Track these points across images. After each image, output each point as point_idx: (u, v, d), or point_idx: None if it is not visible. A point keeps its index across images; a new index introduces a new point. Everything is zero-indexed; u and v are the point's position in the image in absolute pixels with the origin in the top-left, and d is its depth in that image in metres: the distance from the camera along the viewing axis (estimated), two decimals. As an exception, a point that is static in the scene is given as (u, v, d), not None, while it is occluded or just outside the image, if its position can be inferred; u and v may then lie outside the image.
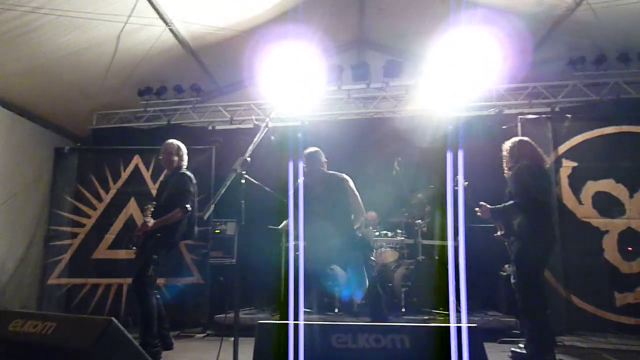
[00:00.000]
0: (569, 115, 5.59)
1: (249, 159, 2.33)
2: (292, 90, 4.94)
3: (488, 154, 5.32)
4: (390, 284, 5.35)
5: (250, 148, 2.40)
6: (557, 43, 5.83)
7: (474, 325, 1.71)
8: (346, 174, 4.25)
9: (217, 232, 5.97)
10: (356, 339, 1.68)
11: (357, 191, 4.22)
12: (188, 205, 4.05)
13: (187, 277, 5.77)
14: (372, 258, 4.28)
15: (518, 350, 3.86)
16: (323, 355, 1.67)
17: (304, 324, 1.70)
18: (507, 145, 4.16)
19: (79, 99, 6.49)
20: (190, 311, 5.65)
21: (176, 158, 4.32)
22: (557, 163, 5.41)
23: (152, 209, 4.02)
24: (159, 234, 3.98)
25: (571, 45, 5.89)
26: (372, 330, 1.72)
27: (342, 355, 1.67)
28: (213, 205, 2.17)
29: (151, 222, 3.94)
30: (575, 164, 5.37)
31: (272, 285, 5.62)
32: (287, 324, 1.71)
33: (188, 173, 4.29)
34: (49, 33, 5.02)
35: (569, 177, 5.35)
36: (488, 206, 4.00)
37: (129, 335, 2.03)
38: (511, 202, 3.87)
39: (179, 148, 4.37)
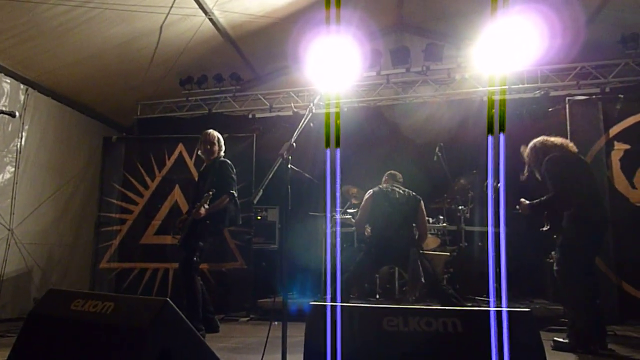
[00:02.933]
0: (621, 96, 5.32)
1: (294, 144, 2.34)
2: (331, 76, 4.93)
3: (533, 138, 5.15)
4: (432, 271, 5.30)
5: (296, 133, 2.41)
6: (607, 20, 5.56)
7: (528, 310, 1.68)
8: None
9: (259, 219, 6.07)
10: (407, 322, 1.68)
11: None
12: (234, 191, 4.16)
13: (231, 262, 5.90)
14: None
15: (561, 340, 3.77)
16: (374, 338, 1.68)
17: (355, 306, 1.71)
18: (525, 149, 4.10)
19: (124, 89, 6.70)
20: (234, 295, 5.79)
21: (216, 148, 4.41)
22: (609, 146, 5.18)
23: (211, 196, 4.05)
24: (207, 221, 4.06)
25: (622, 22, 5.60)
26: (423, 313, 1.71)
27: (393, 337, 1.68)
28: (262, 190, 2.21)
29: (203, 210, 4.00)
30: (628, 147, 5.12)
31: (314, 271, 5.69)
32: (339, 305, 1.72)
33: (228, 161, 4.40)
34: (97, 26, 5.18)
35: (621, 160, 5.11)
36: (527, 202, 3.93)
37: (183, 316, 2.09)
38: (547, 195, 3.80)
39: (218, 138, 4.46)
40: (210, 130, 4.48)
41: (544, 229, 4.11)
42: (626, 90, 5.50)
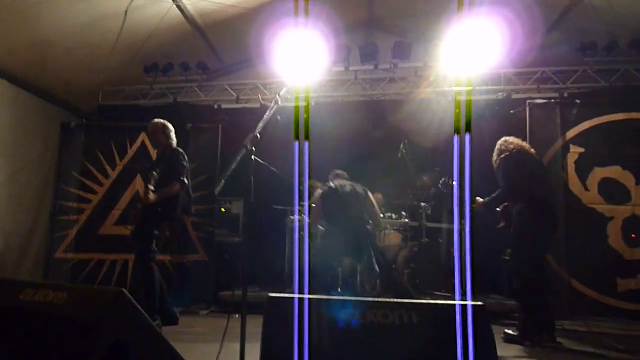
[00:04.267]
0: (578, 101, 5.55)
1: (259, 135, 2.32)
2: (300, 69, 4.91)
3: (495, 138, 5.30)
4: (393, 266, 5.39)
5: (261, 125, 2.39)
6: (568, 28, 5.76)
7: (482, 304, 1.73)
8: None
9: (223, 211, 6.00)
10: (364, 315, 1.70)
11: (363, 173, 4.50)
12: (184, 179, 4.14)
13: (193, 254, 5.82)
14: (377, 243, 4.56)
15: (511, 332, 3.95)
16: (331, 330, 1.69)
17: (313, 299, 1.72)
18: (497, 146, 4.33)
19: (85, 74, 6.47)
20: (195, 288, 5.71)
21: (163, 136, 4.32)
22: (565, 149, 5.39)
23: (157, 176, 4.03)
24: (159, 209, 4.01)
25: (582, 31, 5.82)
26: (380, 306, 1.74)
27: (350, 329, 1.70)
28: (224, 181, 2.18)
29: (152, 195, 3.96)
30: (583, 150, 5.35)
31: (277, 264, 5.69)
32: (297, 298, 1.73)
33: (180, 150, 4.34)
34: (56, 6, 4.97)
35: (576, 163, 5.33)
36: (481, 200, 4.16)
37: (139, 307, 2.05)
38: (498, 191, 4.05)
39: (164, 126, 4.36)
40: (156, 120, 4.41)
41: (500, 226, 4.31)
42: (583, 96, 5.72)
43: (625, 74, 5.75)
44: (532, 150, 4.35)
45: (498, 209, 4.32)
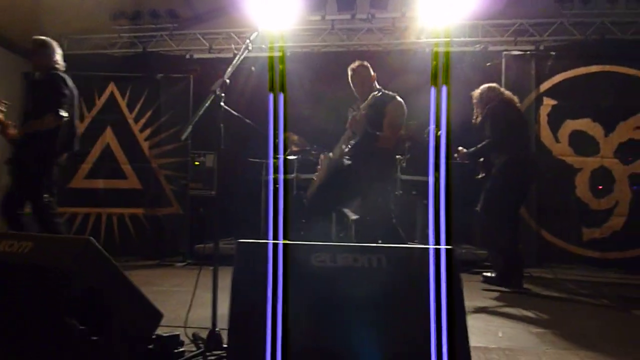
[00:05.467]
0: (553, 53, 5.55)
1: (228, 81, 2.25)
2: (274, 17, 4.76)
3: (472, 90, 5.30)
4: (368, 218, 5.44)
5: (229, 70, 2.31)
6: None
7: (449, 247, 1.76)
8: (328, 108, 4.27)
9: (197, 164, 5.92)
10: (335, 258, 1.72)
11: (339, 124, 4.30)
12: (62, 112, 3.44)
13: (167, 207, 5.77)
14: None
15: (489, 274, 4.10)
16: (302, 273, 1.70)
17: (284, 244, 1.72)
18: (475, 93, 4.27)
19: (48, 22, 6.12)
20: (170, 241, 5.71)
21: (43, 56, 3.63)
22: (538, 101, 5.44)
23: (6, 105, 3.55)
24: (32, 148, 3.44)
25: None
26: (350, 250, 1.75)
27: (320, 273, 1.71)
28: (191, 126, 2.12)
29: (12, 130, 3.44)
30: (555, 103, 5.40)
31: (254, 217, 5.69)
32: (267, 243, 1.73)
33: (62, 74, 3.63)
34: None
35: (549, 115, 5.40)
36: (464, 150, 4.14)
37: (108, 255, 2.03)
38: (484, 142, 4.02)
39: (43, 42, 3.65)
40: (36, 36, 3.72)
41: (480, 176, 4.34)
42: (558, 48, 5.72)
43: (600, 27, 5.73)
44: (519, 103, 4.35)
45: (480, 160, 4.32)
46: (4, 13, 5.53)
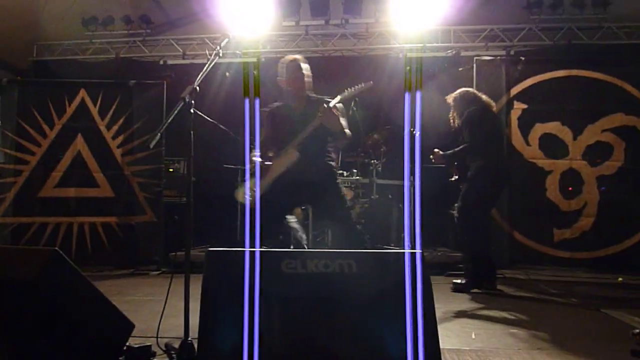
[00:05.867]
0: (522, 58, 5.68)
1: (197, 87, 2.22)
2: (248, 23, 4.74)
3: (444, 95, 5.37)
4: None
5: (200, 76, 2.29)
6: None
7: (419, 251, 1.78)
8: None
9: (171, 171, 5.86)
10: (305, 265, 1.72)
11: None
12: None
13: (140, 215, 5.67)
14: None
15: (459, 282, 4.14)
16: (272, 281, 1.70)
17: (253, 250, 1.71)
18: (452, 97, 4.30)
19: (17, 27, 6.00)
20: (144, 249, 5.62)
21: None
22: (509, 105, 5.55)
23: None
24: None
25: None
26: (320, 256, 1.76)
27: (291, 279, 1.71)
28: (159, 134, 2.09)
29: None
30: (526, 106, 5.52)
31: (229, 223, 5.64)
32: (237, 251, 1.72)
33: None
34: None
35: (519, 119, 5.51)
36: (441, 152, 4.16)
37: (75, 266, 1.98)
38: (462, 146, 4.05)
39: None
40: None
41: (453, 179, 4.39)
42: (528, 53, 5.86)
43: (568, 32, 5.89)
44: (495, 107, 4.40)
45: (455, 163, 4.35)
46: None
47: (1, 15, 5.60)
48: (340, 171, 5.73)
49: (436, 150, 4.22)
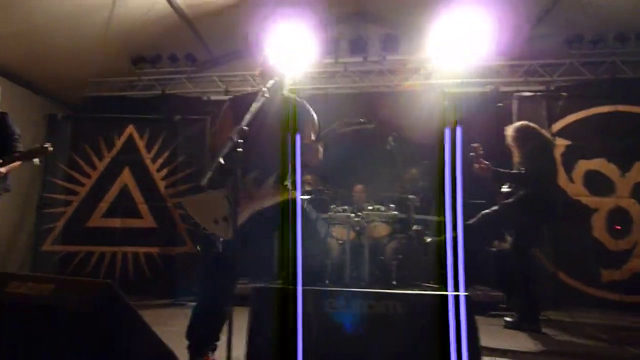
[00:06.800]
0: (564, 94, 5.60)
1: (246, 127, 2.31)
2: (288, 61, 4.90)
3: (483, 131, 5.36)
4: (381, 257, 5.42)
5: (248, 117, 2.38)
6: (555, 20, 5.80)
7: (466, 294, 1.76)
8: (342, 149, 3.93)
9: (210, 203, 5.99)
10: (350, 304, 1.73)
11: (351, 165, 4.22)
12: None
13: (181, 246, 5.81)
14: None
15: (509, 319, 4.02)
16: (316, 319, 1.71)
17: (298, 289, 1.74)
18: (511, 131, 4.23)
19: (72, 65, 6.39)
20: (183, 280, 5.71)
21: None
22: (551, 141, 5.45)
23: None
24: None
25: (569, 23, 5.86)
26: (365, 296, 1.76)
27: (335, 319, 1.72)
28: (210, 172, 2.17)
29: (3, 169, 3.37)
30: (569, 143, 5.41)
31: (269, 257, 5.67)
32: (283, 288, 1.75)
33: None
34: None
35: (562, 155, 5.40)
36: (491, 166, 4.02)
37: (127, 299, 2.05)
38: (518, 171, 3.99)
39: None
40: None
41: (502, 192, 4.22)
42: (568, 88, 5.78)
43: (611, 66, 5.80)
44: (554, 142, 4.35)
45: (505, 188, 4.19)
46: (26, 56, 5.77)
47: (57, 54, 5.97)
48: (377, 206, 5.73)
49: (486, 162, 4.09)
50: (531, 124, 4.27)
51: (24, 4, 4.93)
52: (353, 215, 5.44)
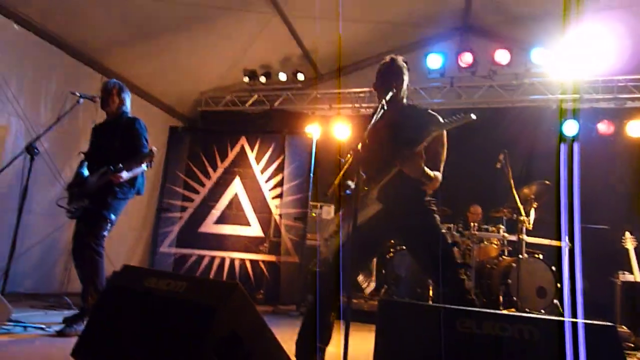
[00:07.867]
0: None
1: (359, 146, 2.31)
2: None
3: (604, 148, 4.95)
4: (488, 281, 5.17)
5: (369, 128, 2.40)
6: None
7: (612, 324, 1.62)
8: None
9: (313, 215, 6.14)
10: (481, 325, 1.66)
11: (461, 184, 4.12)
12: (154, 148, 3.41)
13: (285, 255, 6.00)
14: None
15: None
16: (447, 339, 1.66)
17: (428, 305, 1.70)
18: None
19: (189, 82, 6.94)
20: (286, 289, 5.88)
21: (117, 99, 3.63)
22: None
23: (84, 157, 3.60)
24: (117, 188, 3.43)
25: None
26: (497, 317, 1.68)
27: (465, 339, 1.66)
28: (335, 183, 2.22)
29: (125, 173, 3.35)
30: None
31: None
32: (411, 303, 1.72)
33: (139, 119, 3.67)
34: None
35: None
36: None
37: (252, 302, 2.15)
38: None
39: (120, 88, 3.66)
40: (113, 79, 3.80)
41: None
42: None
43: None
44: None
45: None
46: (151, 76, 6.35)
47: (176, 73, 6.52)
48: (486, 226, 5.48)
49: None
50: None
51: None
52: (458, 234, 5.27)
